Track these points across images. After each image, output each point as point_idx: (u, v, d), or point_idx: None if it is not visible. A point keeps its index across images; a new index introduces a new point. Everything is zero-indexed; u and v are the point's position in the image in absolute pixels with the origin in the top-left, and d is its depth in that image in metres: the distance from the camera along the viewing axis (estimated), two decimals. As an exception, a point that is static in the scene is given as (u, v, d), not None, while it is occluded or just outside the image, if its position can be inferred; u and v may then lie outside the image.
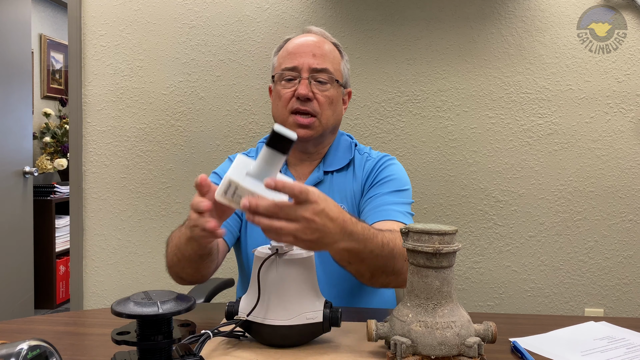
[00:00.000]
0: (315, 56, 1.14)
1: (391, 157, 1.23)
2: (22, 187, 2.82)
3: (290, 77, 1.14)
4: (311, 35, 1.19)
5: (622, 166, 1.93)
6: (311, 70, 1.13)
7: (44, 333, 0.92)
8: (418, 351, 0.77)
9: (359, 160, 1.22)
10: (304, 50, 1.15)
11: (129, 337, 0.66)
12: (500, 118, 1.95)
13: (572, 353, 0.88)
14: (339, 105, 1.19)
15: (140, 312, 0.63)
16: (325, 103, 1.14)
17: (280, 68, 1.17)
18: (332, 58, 1.17)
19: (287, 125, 1.14)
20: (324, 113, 1.14)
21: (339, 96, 1.19)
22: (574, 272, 1.97)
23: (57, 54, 3.88)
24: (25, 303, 2.85)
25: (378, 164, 1.20)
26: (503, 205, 1.97)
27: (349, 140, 1.25)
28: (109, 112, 2.06)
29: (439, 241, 0.78)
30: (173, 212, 2.06)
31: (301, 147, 1.19)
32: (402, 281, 0.97)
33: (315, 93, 1.13)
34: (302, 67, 1.13)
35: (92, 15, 2.04)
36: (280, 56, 1.19)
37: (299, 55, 1.14)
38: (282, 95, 1.15)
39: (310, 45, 1.15)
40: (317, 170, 1.20)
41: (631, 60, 1.91)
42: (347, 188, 1.18)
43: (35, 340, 0.58)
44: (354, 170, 1.20)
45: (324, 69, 1.14)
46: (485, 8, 1.93)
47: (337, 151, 1.22)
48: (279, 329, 0.84)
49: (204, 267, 1.04)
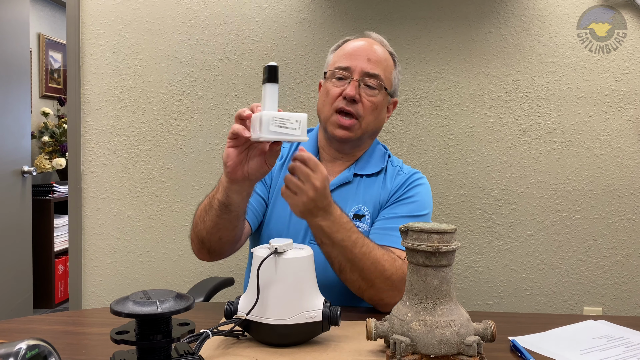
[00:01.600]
0: (369, 61, 1.17)
1: (421, 175, 1.26)
2: (21, 186, 2.82)
3: (342, 76, 1.17)
4: (371, 41, 1.22)
5: (620, 165, 1.93)
6: (363, 73, 1.16)
7: (42, 332, 0.92)
8: (417, 350, 0.77)
9: (390, 171, 1.25)
10: (360, 54, 1.17)
11: (128, 337, 0.66)
12: (499, 117, 1.95)
13: (571, 352, 0.88)
14: (382, 113, 1.22)
15: (139, 311, 0.63)
16: (369, 107, 1.17)
17: (334, 66, 1.19)
18: (385, 65, 1.19)
19: (329, 124, 1.18)
20: (367, 117, 1.17)
21: (385, 104, 1.21)
22: (573, 271, 1.97)
23: (56, 53, 3.87)
24: (24, 303, 2.85)
25: (408, 181, 1.22)
26: (502, 204, 1.97)
27: (383, 150, 1.28)
28: (107, 111, 2.06)
29: (438, 240, 0.78)
30: (172, 212, 2.06)
31: (338, 147, 1.22)
32: (383, 305, 1.04)
33: (362, 96, 1.16)
34: (355, 68, 1.16)
35: (91, 15, 2.04)
36: (336, 55, 1.22)
37: (354, 57, 1.17)
38: (330, 92, 1.18)
39: (367, 49, 1.18)
40: (348, 170, 1.22)
41: (630, 60, 1.91)
42: (374, 194, 1.20)
43: (33, 340, 0.58)
44: (384, 180, 1.23)
45: (375, 75, 1.16)
46: (484, 7, 1.93)
47: (371, 157, 1.24)
48: (278, 328, 0.84)
49: (227, 232, 1.06)
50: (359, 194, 1.20)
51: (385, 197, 1.21)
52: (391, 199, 1.20)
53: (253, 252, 0.89)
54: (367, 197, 1.20)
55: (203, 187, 2.03)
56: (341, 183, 1.20)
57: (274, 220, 1.21)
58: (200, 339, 0.79)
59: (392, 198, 1.20)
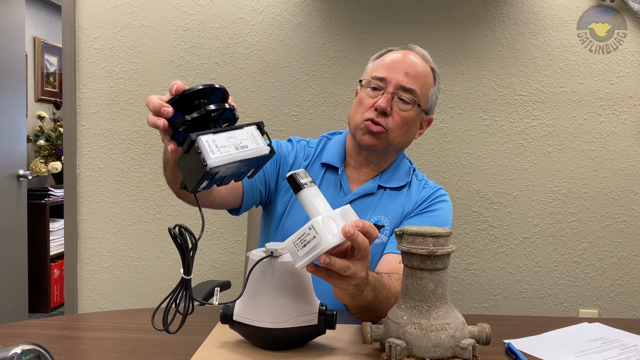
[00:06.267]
0: (407, 75, 1.14)
1: (445, 192, 1.26)
2: (16, 190, 2.81)
3: (377, 86, 1.16)
4: (412, 54, 1.19)
5: (615, 167, 1.94)
6: (398, 86, 1.14)
7: (37, 337, 0.92)
8: (413, 353, 0.77)
9: (415, 184, 1.25)
10: (399, 66, 1.15)
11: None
12: (494, 120, 1.96)
13: (566, 354, 0.89)
14: (413, 129, 1.20)
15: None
16: (399, 122, 1.15)
17: (371, 75, 1.18)
18: (423, 82, 1.17)
19: (358, 130, 1.17)
20: (395, 131, 1.15)
21: (417, 120, 1.19)
22: (568, 274, 1.98)
23: (51, 57, 3.87)
24: (19, 307, 2.84)
25: (433, 195, 1.22)
26: (497, 206, 1.97)
27: (409, 165, 1.28)
28: (103, 114, 2.06)
29: (433, 243, 0.78)
30: (168, 215, 2.06)
31: (365, 154, 1.21)
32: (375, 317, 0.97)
33: (394, 110, 1.14)
34: (391, 80, 1.14)
35: (87, 18, 2.04)
36: (376, 64, 1.20)
37: (392, 70, 1.15)
38: (363, 101, 1.17)
39: (407, 63, 1.16)
40: (373, 181, 1.21)
41: (624, 63, 1.92)
42: (397, 207, 1.20)
43: (28, 345, 0.58)
44: (409, 192, 1.23)
45: (410, 89, 1.14)
46: (479, 11, 1.94)
47: (397, 171, 1.24)
48: (274, 331, 0.84)
49: None
50: (380, 207, 1.20)
51: (410, 207, 1.21)
52: (415, 210, 1.21)
53: (249, 255, 0.89)
54: (388, 209, 1.20)
55: (199, 191, 2.02)
56: (365, 193, 1.20)
57: (293, 214, 1.20)
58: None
59: (417, 209, 1.21)
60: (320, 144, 1.28)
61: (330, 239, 0.73)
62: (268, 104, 2.00)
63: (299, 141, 1.28)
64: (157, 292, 2.07)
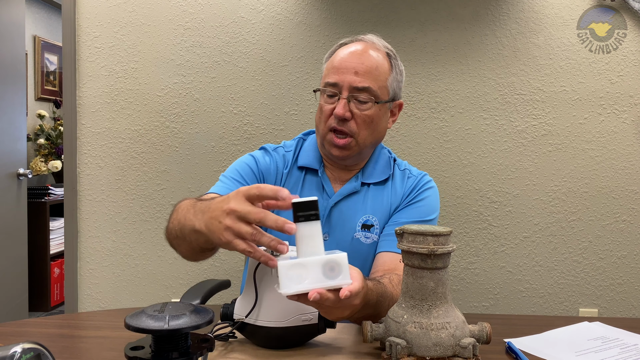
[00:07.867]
0: (357, 74, 1.11)
1: (430, 178, 1.24)
2: (16, 189, 2.80)
3: (331, 93, 1.13)
4: (360, 45, 1.15)
5: (615, 167, 1.94)
6: (351, 89, 1.11)
7: (38, 336, 0.92)
8: (413, 352, 0.77)
9: (399, 175, 1.22)
10: (347, 66, 1.12)
11: (143, 353, 0.62)
12: (494, 119, 1.96)
13: (566, 353, 0.89)
14: (380, 123, 1.17)
15: (155, 326, 0.59)
16: (363, 123, 1.13)
17: (324, 82, 1.16)
18: (376, 75, 1.13)
19: (325, 142, 1.15)
20: (361, 133, 1.13)
21: (381, 114, 1.16)
22: (569, 273, 1.98)
23: (52, 56, 3.86)
24: (19, 306, 2.84)
25: (419, 184, 1.21)
26: (498, 206, 1.97)
27: (388, 155, 1.25)
28: (103, 113, 2.06)
29: (433, 242, 0.78)
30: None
31: (340, 161, 1.18)
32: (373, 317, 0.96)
33: (354, 112, 1.12)
34: (342, 84, 1.11)
35: (87, 17, 2.04)
36: (327, 67, 1.18)
37: (342, 72, 1.12)
38: (323, 109, 1.15)
39: (355, 59, 1.12)
40: (355, 179, 1.19)
41: (625, 62, 1.92)
42: (384, 202, 1.19)
43: (29, 343, 0.58)
44: (393, 185, 1.21)
45: (364, 88, 1.11)
46: (480, 10, 1.94)
47: (377, 164, 1.22)
48: (275, 330, 0.84)
49: (203, 256, 0.99)
50: (367, 204, 1.18)
51: (397, 201, 1.19)
52: (403, 203, 1.19)
53: (249, 255, 0.88)
54: (376, 206, 1.18)
55: (199, 190, 2.02)
56: (348, 193, 1.18)
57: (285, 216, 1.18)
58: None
59: (405, 201, 1.19)
60: (297, 147, 1.25)
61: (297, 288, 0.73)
62: (268, 102, 2.00)
63: (275, 149, 1.25)
64: (157, 291, 2.07)
